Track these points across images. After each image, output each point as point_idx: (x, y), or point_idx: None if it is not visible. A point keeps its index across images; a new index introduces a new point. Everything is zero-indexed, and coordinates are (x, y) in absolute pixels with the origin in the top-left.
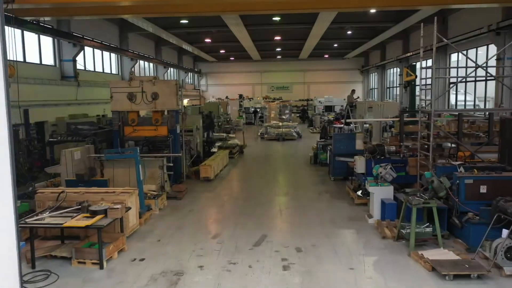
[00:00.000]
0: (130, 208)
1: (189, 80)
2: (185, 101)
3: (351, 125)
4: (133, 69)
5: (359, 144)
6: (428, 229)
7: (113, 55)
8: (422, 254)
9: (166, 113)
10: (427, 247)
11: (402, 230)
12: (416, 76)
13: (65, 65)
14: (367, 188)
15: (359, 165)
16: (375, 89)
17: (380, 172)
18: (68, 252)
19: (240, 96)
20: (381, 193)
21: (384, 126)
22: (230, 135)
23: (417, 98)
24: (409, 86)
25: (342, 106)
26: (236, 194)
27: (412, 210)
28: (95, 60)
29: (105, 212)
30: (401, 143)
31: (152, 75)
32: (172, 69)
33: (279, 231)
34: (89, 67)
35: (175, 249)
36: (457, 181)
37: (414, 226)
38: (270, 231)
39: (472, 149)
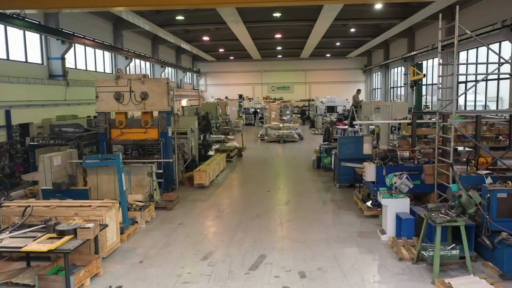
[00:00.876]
0: (106, 225)
1: (188, 80)
2: (184, 102)
3: (356, 126)
4: (128, 67)
5: (367, 148)
6: (454, 252)
7: (106, 53)
8: (449, 283)
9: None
10: (453, 272)
11: (423, 252)
12: (424, 75)
13: (53, 63)
14: (380, 200)
15: (369, 172)
16: (379, 89)
17: (395, 182)
18: (32, 279)
19: (240, 96)
20: (395, 206)
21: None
22: (228, 137)
23: (424, 98)
24: (415, 85)
25: (344, 106)
26: (233, 203)
27: (436, 230)
28: (87, 58)
29: (74, 232)
30: (415, 148)
31: (149, 74)
32: (169, 68)
33: (279, 250)
34: (81, 66)
35: (158, 273)
36: (488, 195)
37: (439, 248)
38: (269, 250)
39: (492, 154)
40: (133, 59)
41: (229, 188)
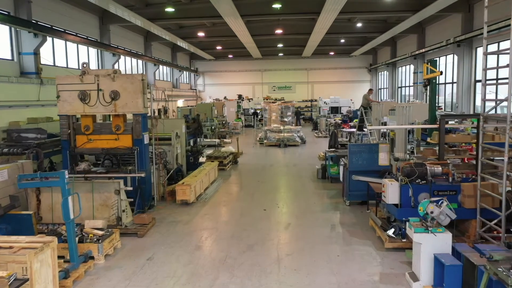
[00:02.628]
0: (25, 280)
1: (185, 79)
2: (180, 102)
3: (365, 130)
4: (117, 65)
5: (383, 158)
6: None
7: (92, 50)
8: None
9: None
10: None
11: None
12: (441, 73)
13: (24, 59)
14: (410, 235)
15: (391, 192)
16: (385, 89)
17: (431, 212)
18: None
19: (239, 96)
20: (433, 244)
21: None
22: (225, 140)
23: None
24: (429, 84)
25: (349, 107)
26: (220, 227)
27: None
28: (69, 55)
29: None
30: (448, 161)
31: (142, 73)
32: (164, 67)
33: None
34: (61, 63)
35: None
36: None
37: None
38: None
39: None
40: (123, 57)
41: (218, 206)
